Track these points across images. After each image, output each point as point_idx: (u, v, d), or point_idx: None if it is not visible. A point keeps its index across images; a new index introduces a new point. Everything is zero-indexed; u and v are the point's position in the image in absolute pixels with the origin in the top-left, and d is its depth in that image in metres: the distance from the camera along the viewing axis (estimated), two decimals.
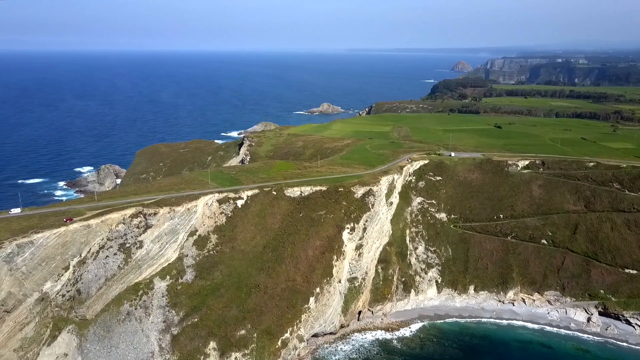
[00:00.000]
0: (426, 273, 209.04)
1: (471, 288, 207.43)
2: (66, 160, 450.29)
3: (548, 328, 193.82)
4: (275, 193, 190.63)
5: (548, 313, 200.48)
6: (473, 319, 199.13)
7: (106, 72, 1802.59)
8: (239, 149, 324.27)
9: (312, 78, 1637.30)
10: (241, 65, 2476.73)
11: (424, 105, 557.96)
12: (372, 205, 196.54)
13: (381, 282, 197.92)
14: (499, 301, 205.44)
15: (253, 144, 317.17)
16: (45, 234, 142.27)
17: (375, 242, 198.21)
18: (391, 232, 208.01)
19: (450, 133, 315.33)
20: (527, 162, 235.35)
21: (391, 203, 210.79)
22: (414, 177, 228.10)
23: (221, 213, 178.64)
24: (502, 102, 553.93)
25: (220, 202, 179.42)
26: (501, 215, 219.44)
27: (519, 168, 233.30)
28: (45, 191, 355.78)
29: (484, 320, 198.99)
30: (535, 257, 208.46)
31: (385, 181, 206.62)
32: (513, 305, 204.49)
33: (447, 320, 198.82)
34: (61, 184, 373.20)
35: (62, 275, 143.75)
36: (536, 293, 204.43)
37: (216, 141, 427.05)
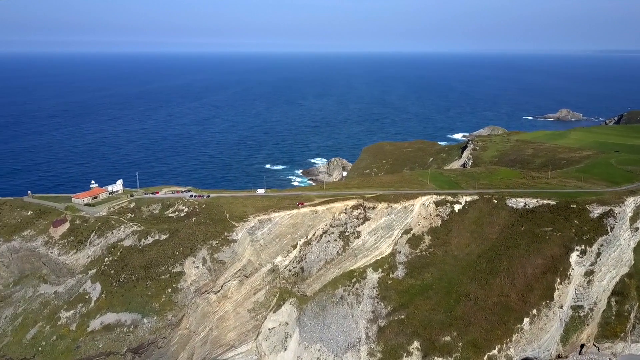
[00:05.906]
0: None
1: None
2: (303, 152, 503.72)
3: None
4: (495, 201, 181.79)
5: None
6: None
7: (344, 73, 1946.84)
8: (462, 152, 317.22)
9: (551, 81, 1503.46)
10: (472, 67, 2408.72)
11: None
12: (612, 228, 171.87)
13: (613, 317, 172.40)
14: None
15: (477, 147, 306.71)
16: (280, 214, 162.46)
17: (610, 271, 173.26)
18: (633, 262, 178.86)
19: None
20: None
21: (636, 228, 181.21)
22: None
23: (437, 215, 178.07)
24: None
25: (437, 204, 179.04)
26: None
27: None
28: (285, 177, 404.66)
29: None
30: None
31: (631, 202, 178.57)
32: None
33: None
34: (298, 171, 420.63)
35: (291, 252, 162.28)
36: None
37: (439, 143, 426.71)
